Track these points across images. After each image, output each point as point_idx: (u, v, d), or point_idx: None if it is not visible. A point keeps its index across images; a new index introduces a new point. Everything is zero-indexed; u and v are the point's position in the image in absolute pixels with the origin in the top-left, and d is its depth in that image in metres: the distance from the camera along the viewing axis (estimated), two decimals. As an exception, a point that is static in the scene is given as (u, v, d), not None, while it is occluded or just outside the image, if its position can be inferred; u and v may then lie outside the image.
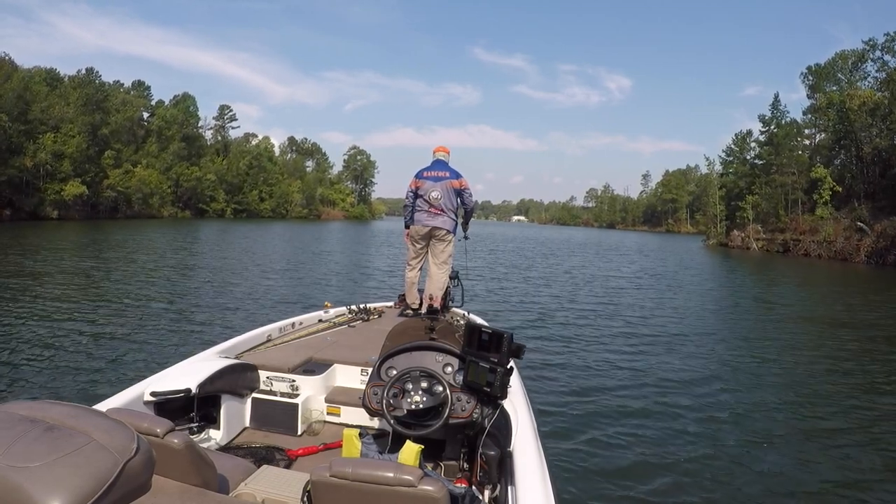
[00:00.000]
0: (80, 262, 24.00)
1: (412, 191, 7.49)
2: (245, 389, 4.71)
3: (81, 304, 14.40)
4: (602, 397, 8.76)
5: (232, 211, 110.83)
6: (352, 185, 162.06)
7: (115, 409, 2.27)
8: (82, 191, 72.96)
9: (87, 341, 10.83)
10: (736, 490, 5.91)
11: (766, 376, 10.65)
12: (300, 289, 19.44)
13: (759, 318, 17.79)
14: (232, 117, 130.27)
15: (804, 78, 73.59)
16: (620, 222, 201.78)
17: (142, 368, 8.70)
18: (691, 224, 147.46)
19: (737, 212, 74.41)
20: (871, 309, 20.33)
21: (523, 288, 22.18)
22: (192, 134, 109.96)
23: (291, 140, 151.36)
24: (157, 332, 11.85)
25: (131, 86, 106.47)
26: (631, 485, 5.90)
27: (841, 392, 9.70)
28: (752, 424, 7.88)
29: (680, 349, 12.47)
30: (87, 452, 1.72)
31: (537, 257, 41.01)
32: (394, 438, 3.53)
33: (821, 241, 56.61)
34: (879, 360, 12.17)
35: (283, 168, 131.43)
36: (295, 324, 6.51)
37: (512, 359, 3.54)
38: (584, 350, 11.97)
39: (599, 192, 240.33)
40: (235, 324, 12.54)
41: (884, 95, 59.67)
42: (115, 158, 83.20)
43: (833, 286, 30.82)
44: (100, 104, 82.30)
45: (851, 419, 8.31)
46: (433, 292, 7.37)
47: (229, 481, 2.79)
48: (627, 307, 18.28)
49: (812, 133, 75.46)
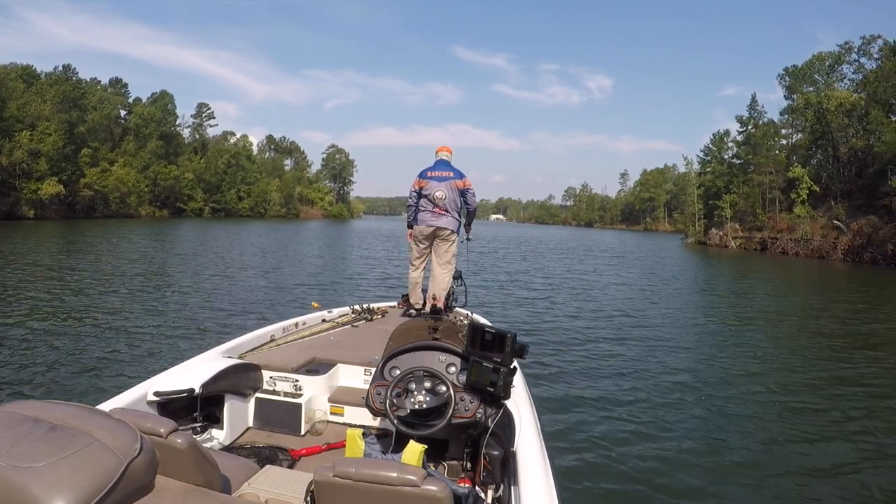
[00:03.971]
0: (76, 262, 23.90)
1: (416, 191, 7.42)
2: (248, 389, 4.71)
3: (82, 305, 14.32)
4: (606, 397, 8.77)
5: (210, 210, 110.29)
6: (330, 184, 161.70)
7: (118, 409, 2.25)
8: (59, 190, 72.18)
9: (89, 341, 10.79)
10: (743, 490, 5.93)
11: (769, 374, 10.69)
12: (299, 289, 19.40)
13: (771, 321, 17.75)
14: (210, 115, 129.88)
15: (781, 79, 74.66)
16: (598, 221, 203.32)
17: (145, 368, 8.66)
18: (669, 222, 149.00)
19: (715, 210, 75.22)
20: (855, 306, 20.63)
21: (522, 288, 22.19)
22: (170, 132, 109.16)
23: (270, 139, 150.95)
24: (160, 332, 11.82)
25: (108, 83, 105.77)
26: (635, 485, 5.91)
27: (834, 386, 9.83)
28: (757, 424, 7.90)
29: (683, 349, 12.51)
30: (91, 452, 1.71)
31: (520, 257, 41.05)
32: (397, 438, 3.54)
33: (798, 240, 57.51)
34: (866, 356, 12.38)
35: (262, 167, 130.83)
36: (298, 324, 6.49)
37: (515, 359, 3.52)
38: (588, 349, 11.97)
39: (578, 191, 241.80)
40: (238, 324, 12.48)
41: (860, 97, 60.62)
42: (92, 157, 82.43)
43: (814, 284, 31.29)
44: (77, 102, 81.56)
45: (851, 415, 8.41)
46: (437, 292, 7.32)
47: (233, 481, 2.78)
48: (627, 307, 18.31)
49: (789, 133, 76.51)
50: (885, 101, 56.51)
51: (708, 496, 5.80)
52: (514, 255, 40.88)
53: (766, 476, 6.23)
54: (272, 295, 17.67)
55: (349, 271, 26.35)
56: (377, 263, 30.65)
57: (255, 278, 21.54)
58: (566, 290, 21.96)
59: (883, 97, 56.55)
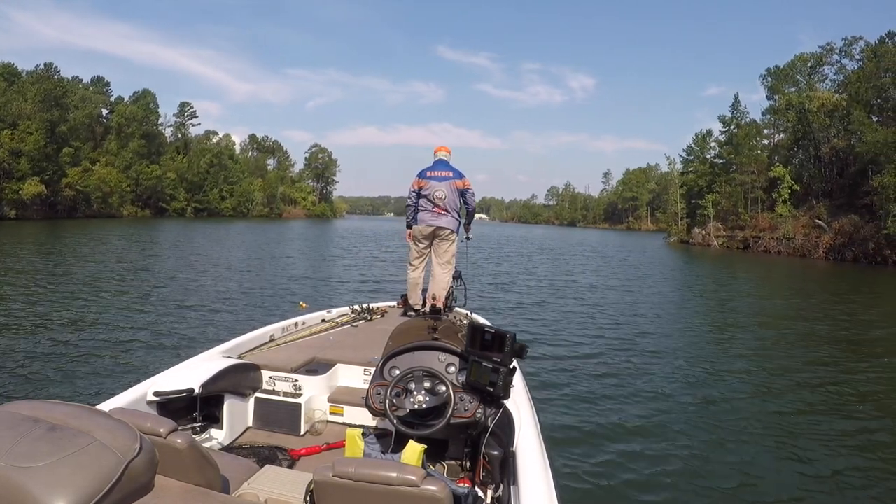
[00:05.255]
0: (70, 263, 23.83)
1: (415, 190, 7.40)
2: (248, 389, 4.71)
3: (81, 305, 14.29)
4: (605, 397, 8.80)
5: (192, 210, 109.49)
6: (313, 184, 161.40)
7: (118, 409, 2.25)
8: (41, 190, 71.51)
9: (89, 341, 10.78)
10: (743, 489, 5.96)
11: (766, 373, 10.79)
12: (299, 287, 19.47)
13: (762, 319, 17.99)
14: (192, 114, 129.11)
15: (763, 79, 75.09)
16: (581, 220, 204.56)
17: (145, 368, 8.63)
18: (651, 221, 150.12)
19: (697, 210, 75.89)
20: (839, 303, 20.93)
21: (513, 291, 22.08)
22: (152, 131, 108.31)
23: (253, 138, 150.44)
24: (160, 332, 11.82)
25: (90, 82, 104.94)
26: (634, 484, 5.93)
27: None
28: (757, 423, 7.94)
29: (682, 349, 12.60)
30: (91, 452, 1.69)
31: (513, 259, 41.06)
32: (396, 438, 3.53)
33: (780, 238, 58.11)
34: (857, 354, 12.66)
35: (244, 166, 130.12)
36: (298, 324, 6.49)
37: (515, 359, 3.53)
38: (588, 349, 12.02)
39: (561, 191, 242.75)
40: (238, 324, 12.46)
41: (842, 97, 61.26)
42: (74, 156, 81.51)
43: (800, 282, 31.59)
44: (59, 100, 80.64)
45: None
46: (436, 292, 7.31)
47: (232, 481, 2.79)
48: (623, 307, 18.44)
49: (771, 133, 77.30)
50: (867, 102, 57.22)
51: (707, 495, 5.82)
52: (498, 256, 40.85)
53: (766, 476, 6.27)
54: (268, 294, 17.74)
55: (339, 271, 26.27)
56: (363, 263, 30.62)
57: (251, 279, 21.55)
58: (559, 291, 22.01)
59: (864, 98, 57.23)
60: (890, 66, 55.19)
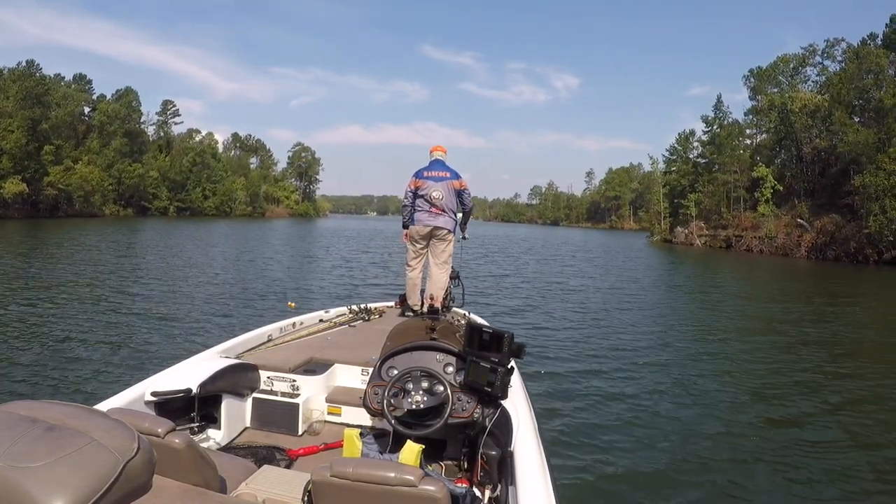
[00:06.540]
0: (63, 263, 23.71)
1: (412, 190, 7.40)
2: (246, 389, 4.71)
3: (78, 306, 14.21)
4: (603, 397, 8.81)
5: (175, 209, 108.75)
6: (296, 183, 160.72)
7: (115, 409, 2.25)
8: (22, 188, 70.84)
9: (87, 342, 10.75)
10: (741, 488, 5.97)
11: (765, 372, 10.84)
12: (298, 288, 19.49)
13: (748, 317, 18.29)
14: (175, 113, 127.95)
15: (746, 80, 75.59)
16: (564, 219, 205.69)
17: (143, 368, 8.57)
18: (634, 221, 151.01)
19: (680, 209, 76.59)
20: (823, 305, 21.16)
21: (508, 292, 22.01)
22: (135, 130, 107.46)
23: (236, 136, 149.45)
24: (158, 333, 11.79)
25: (73, 79, 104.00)
26: (632, 484, 5.95)
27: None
28: (756, 422, 7.98)
29: (680, 349, 12.66)
30: (88, 452, 1.68)
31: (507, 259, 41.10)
32: (394, 438, 3.53)
33: (763, 238, 58.70)
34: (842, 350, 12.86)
35: (227, 165, 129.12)
36: (295, 324, 6.49)
37: (513, 358, 3.55)
38: (586, 349, 12.02)
39: (544, 190, 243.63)
40: (235, 324, 12.46)
41: (824, 98, 61.86)
42: (56, 154, 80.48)
43: (784, 281, 31.86)
44: (40, 98, 79.76)
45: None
46: (434, 292, 7.30)
47: (230, 481, 2.78)
48: (617, 306, 18.48)
49: (754, 133, 77.79)
50: (848, 103, 57.78)
51: (706, 494, 5.84)
52: (486, 257, 40.75)
53: (765, 475, 6.29)
54: (264, 294, 17.68)
55: (330, 271, 26.18)
56: (347, 263, 30.41)
57: (245, 279, 21.45)
58: (552, 291, 22.08)
59: (846, 99, 57.80)
60: (871, 68, 55.76)
